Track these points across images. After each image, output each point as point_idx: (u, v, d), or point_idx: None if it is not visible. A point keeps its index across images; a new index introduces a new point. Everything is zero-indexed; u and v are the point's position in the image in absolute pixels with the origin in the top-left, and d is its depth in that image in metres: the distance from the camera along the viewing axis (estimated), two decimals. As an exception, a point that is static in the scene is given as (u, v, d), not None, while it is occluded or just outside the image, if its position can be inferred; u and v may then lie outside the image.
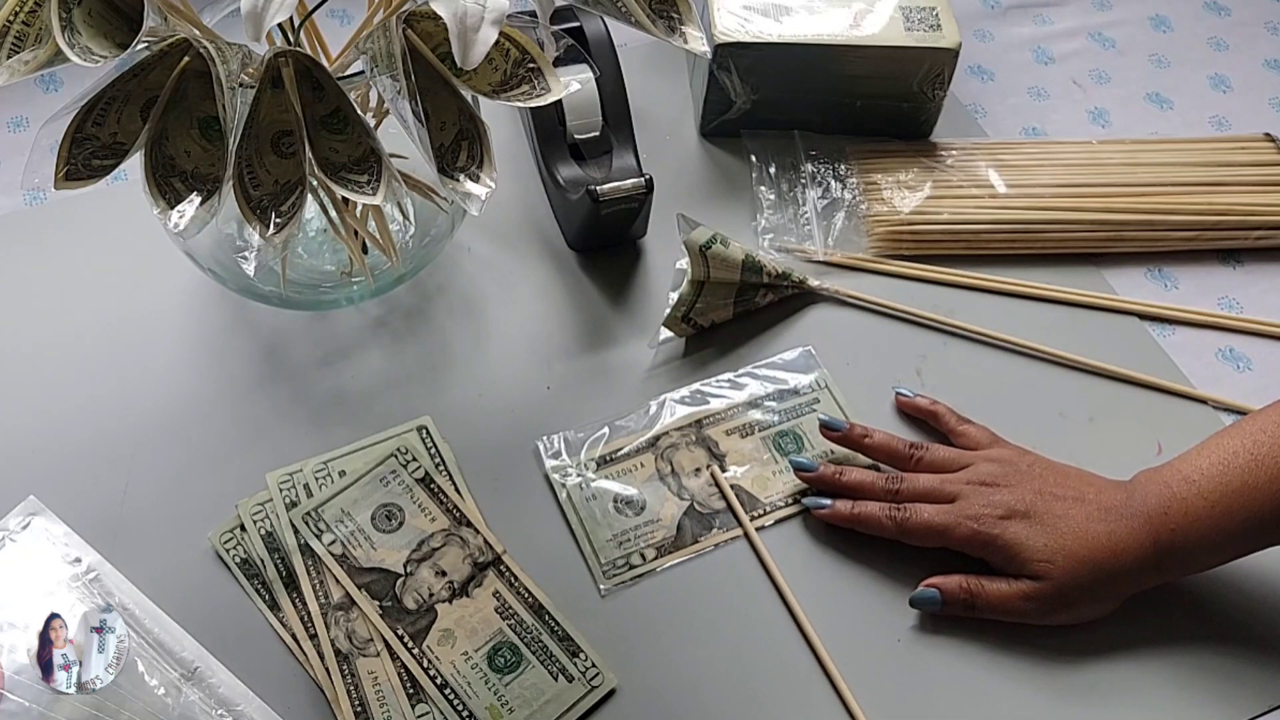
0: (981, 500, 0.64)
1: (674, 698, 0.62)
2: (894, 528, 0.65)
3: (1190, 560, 0.62)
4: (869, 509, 0.66)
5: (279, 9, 0.48)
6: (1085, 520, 0.62)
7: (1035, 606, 0.62)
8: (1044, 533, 0.62)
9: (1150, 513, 0.62)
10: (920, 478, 0.66)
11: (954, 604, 0.64)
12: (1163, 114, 0.93)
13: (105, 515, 0.66)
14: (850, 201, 0.83)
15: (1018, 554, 0.62)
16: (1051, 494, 0.64)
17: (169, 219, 0.52)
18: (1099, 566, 0.62)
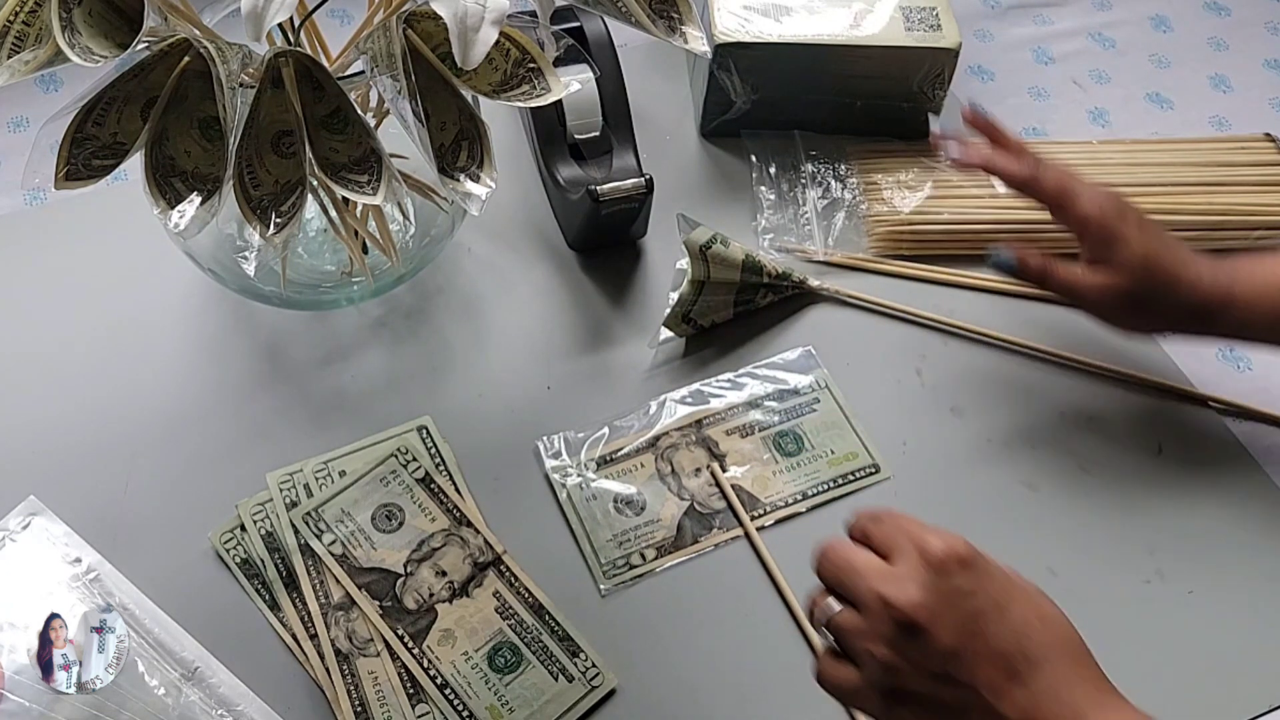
0: None
1: (674, 698, 0.62)
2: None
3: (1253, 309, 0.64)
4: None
5: (279, 9, 0.48)
6: (1175, 241, 0.65)
7: (1106, 299, 0.65)
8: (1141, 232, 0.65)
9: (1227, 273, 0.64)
10: None
11: (1028, 270, 0.67)
12: (1163, 114, 0.93)
13: (105, 515, 0.66)
14: (850, 201, 0.83)
15: (1114, 241, 0.65)
16: None
17: (169, 219, 0.52)
18: (1175, 276, 0.64)
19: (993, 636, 0.46)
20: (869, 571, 0.47)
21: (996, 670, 0.46)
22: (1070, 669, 0.46)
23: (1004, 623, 0.46)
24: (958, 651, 0.46)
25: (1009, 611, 0.46)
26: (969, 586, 0.46)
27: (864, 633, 0.47)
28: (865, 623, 0.47)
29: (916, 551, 0.47)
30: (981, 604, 0.46)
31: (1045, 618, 0.47)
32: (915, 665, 0.46)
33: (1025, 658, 0.46)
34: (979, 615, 0.46)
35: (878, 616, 0.46)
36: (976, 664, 0.46)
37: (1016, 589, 0.48)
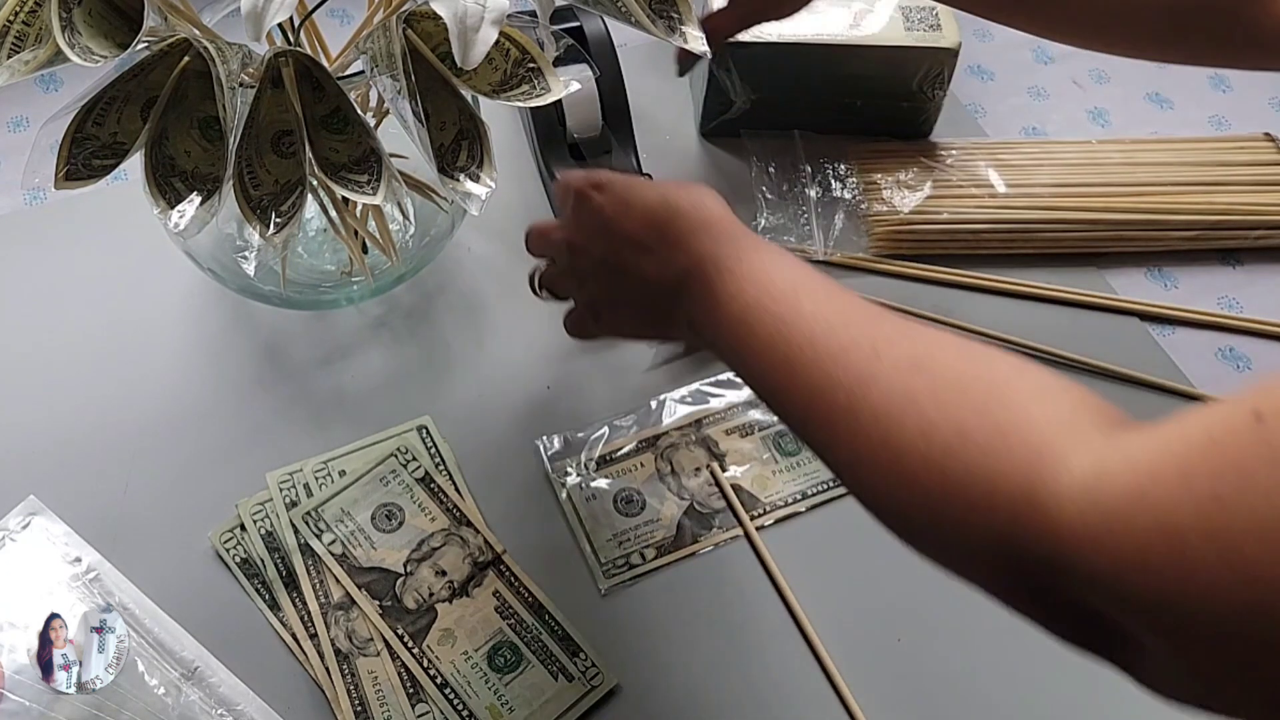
0: None
1: (674, 697, 0.62)
2: None
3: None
4: None
5: (279, 9, 0.48)
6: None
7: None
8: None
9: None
10: None
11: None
12: (1162, 114, 0.93)
13: (105, 515, 0.66)
14: (850, 201, 0.83)
15: None
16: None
17: (169, 219, 0.52)
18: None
19: (624, 224, 0.57)
20: (550, 229, 0.63)
21: (632, 249, 0.56)
22: (703, 229, 0.55)
23: (631, 213, 0.57)
24: (604, 250, 0.58)
25: (636, 202, 0.57)
26: (600, 199, 0.58)
27: (556, 273, 0.64)
28: (555, 264, 0.64)
29: (570, 195, 0.60)
30: (611, 208, 0.57)
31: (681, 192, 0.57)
32: (581, 276, 0.61)
33: (654, 227, 0.56)
34: (613, 216, 0.57)
35: (558, 251, 0.62)
36: (618, 252, 0.57)
37: (642, 184, 0.58)
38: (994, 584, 0.39)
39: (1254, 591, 0.28)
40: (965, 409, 0.39)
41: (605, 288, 0.60)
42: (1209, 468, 0.30)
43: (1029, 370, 0.41)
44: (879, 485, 0.42)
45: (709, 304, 0.52)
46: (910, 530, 0.42)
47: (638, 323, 0.60)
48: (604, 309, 0.61)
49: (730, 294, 0.51)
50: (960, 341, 0.43)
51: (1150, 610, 0.32)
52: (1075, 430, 0.36)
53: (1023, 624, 0.64)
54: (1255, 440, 0.30)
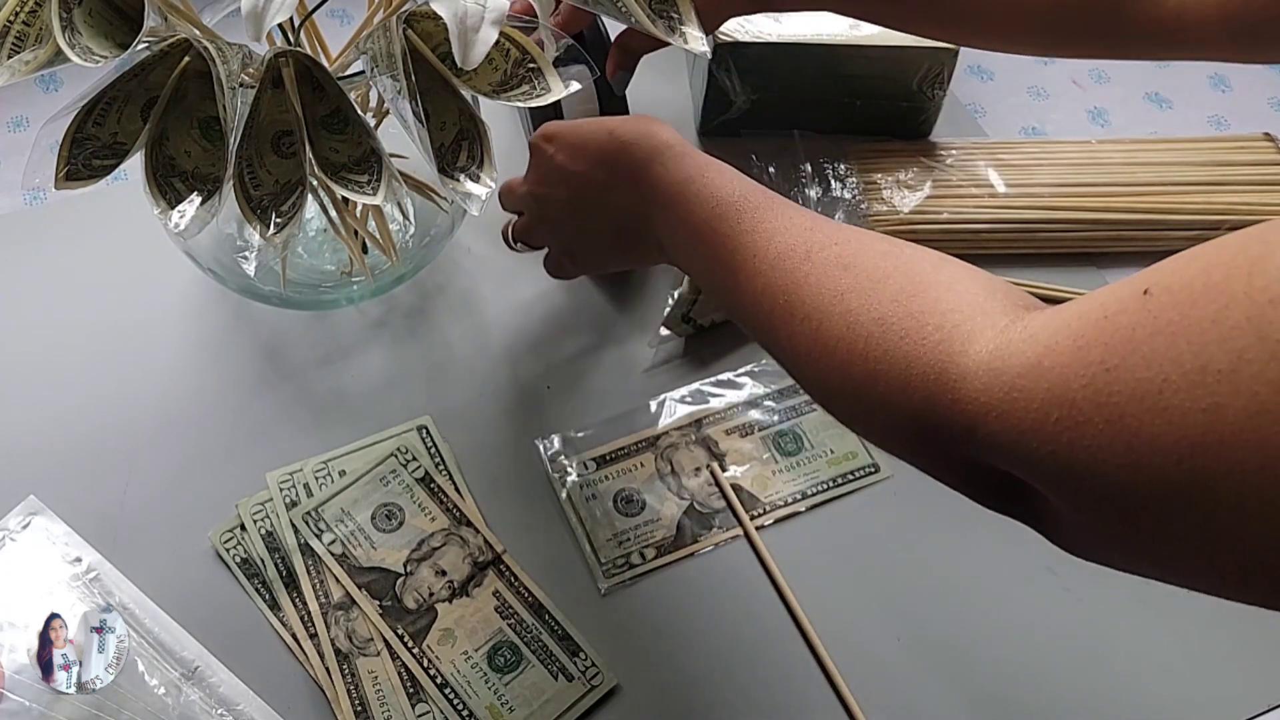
0: None
1: (674, 697, 0.62)
2: None
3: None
4: None
5: (279, 9, 0.48)
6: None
7: None
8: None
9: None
10: None
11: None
12: (1162, 114, 0.93)
13: (105, 515, 0.66)
14: (850, 201, 0.83)
15: None
16: None
17: (169, 219, 0.52)
18: None
19: (578, 170, 0.61)
20: (517, 184, 0.67)
21: (591, 188, 0.61)
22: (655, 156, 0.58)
23: (583, 156, 0.61)
24: (566, 197, 0.62)
25: (584, 146, 0.61)
26: (552, 151, 0.62)
27: (528, 223, 0.68)
28: (525, 217, 0.68)
29: (531, 152, 0.65)
30: (563, 157, 0.62)
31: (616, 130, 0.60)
32: (552, 224, 0.66)
33: (605, 165, 0.60)
34: (565, 164, 0.62)
35: (526, 203, 0.66)
36: (578, 197, 0.62)
37: (589, 125, 0.62)
38: (918, 456, 0.42)
39: (1136, 454, 0.31)
40: (885, 300, 0.43)
41: (576, 227, 0.64)
42: (1100, 340, 0.33)
43: (947, 264, 0.44)
44: (816, 375, 0.46)
45: (670, 225, 0.56)
46: (844, 412, 0.46)
47: (612, 253, 0.64)
48: (577, 247, 0.65)
49: (684, 215, 0.55)
50: (887, 241, 0.47)
51: (1050, 473, 0.34)
52: (984, 313, 0.40)
53: (1023, 626, 0.64)
54: (1142, 311, 0.32)
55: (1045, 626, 0.65)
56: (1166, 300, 0.31)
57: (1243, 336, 0.29)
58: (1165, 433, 0.30)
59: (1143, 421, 0.30)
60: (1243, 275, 0.29)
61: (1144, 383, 0.31)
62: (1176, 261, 0.32)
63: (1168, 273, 0.32)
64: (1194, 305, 0.30)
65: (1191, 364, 0.30)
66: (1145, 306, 0.32)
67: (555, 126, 0.63)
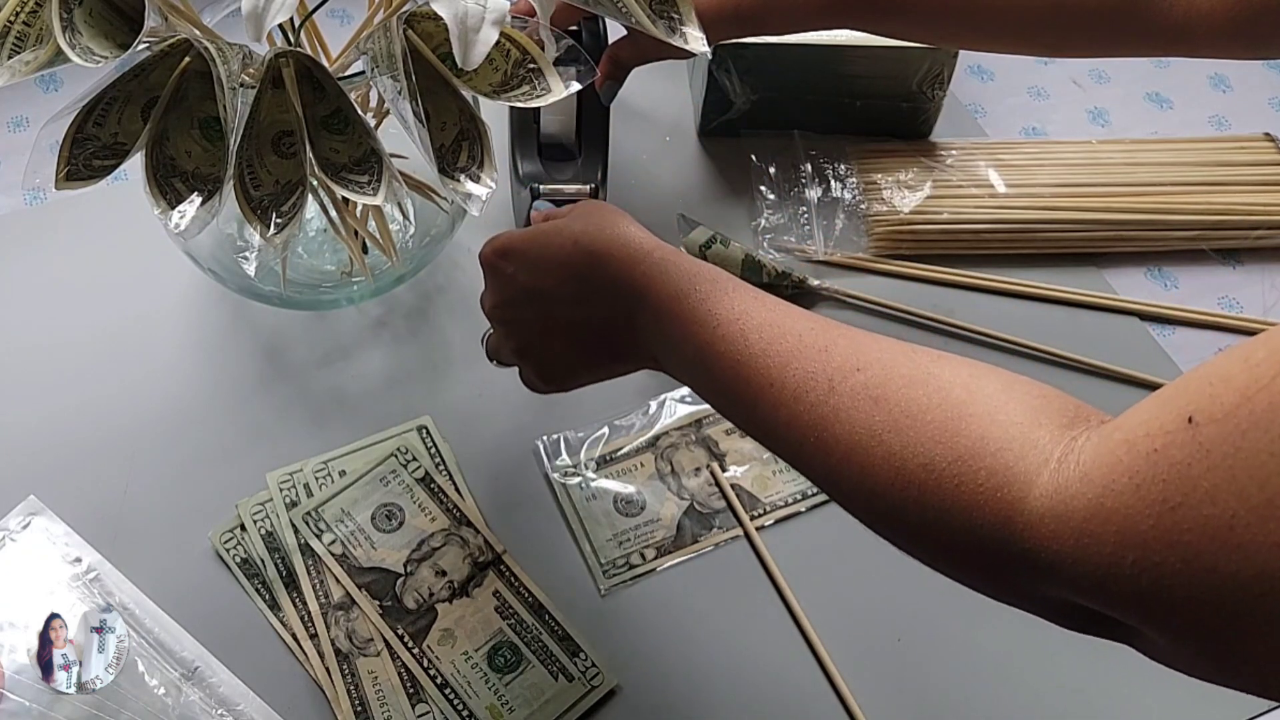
0: None
1: (674, 697, 0.62)
2: None
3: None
4: None
5: (280, 9, 0.48)
6: None
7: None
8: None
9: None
10: None
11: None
12: (1162, 114, 0.93)
13: (105, 515, 0.66)
14: (850, 201, 0.83)
15: None
16: None
17: (170, 219, 0.52)
18: None
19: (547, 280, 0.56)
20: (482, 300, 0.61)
21: (562, 305, 0.56)
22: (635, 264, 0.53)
23: (542, 273, 0.56)
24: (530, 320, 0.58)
25: (543, 263, 0.56)
26: (509, 270, 0.57)
27: (494, 344, 0.63)
28: (493, 337, 0.63)
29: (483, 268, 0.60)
30: (522, 276, 0.57)
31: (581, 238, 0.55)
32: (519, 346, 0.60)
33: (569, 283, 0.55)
34: (525, 286, 0.57)
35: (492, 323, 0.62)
36: (545, 319, 0.57)
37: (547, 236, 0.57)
38: (992, 593, 0.41)
39: (1218, 590, 0.30)
40: (927, 440, 0.40)
41: (546, 349, 0.59)
42: (1156, 475, 0.32)
43: (979, 382, 0.42)
44: (867, 513, 0.43)
45: (667, 343, 0.52)
46: (908, 549, 0.43)
47: (590, 368, 0.59)
48: (553, 370, 0.60)
49: (682, 334, 0.50)
50: (910, 359, 0.44)
51: (1136, 608, 0.34)
52: (1033, 447, 0.38)
53: (1022, 625, 0.64)
54: (1192, 444, 0.31)
55: (1045, 626, 0.64)
56: (1214, 432, 0.31)
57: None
58: (1243, 568, 0.30)
59: (1219, 558, 0.30)
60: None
61: (1212, 519, 0.30)
62: (1209, 381, 0.32)
63: (1206, 397, 0.32)
64: (1244, 437, 0.30)
65: (1258, 498, 0.29)
66: (1195, 439, 0.31)
67: (508, 241, 0.58)
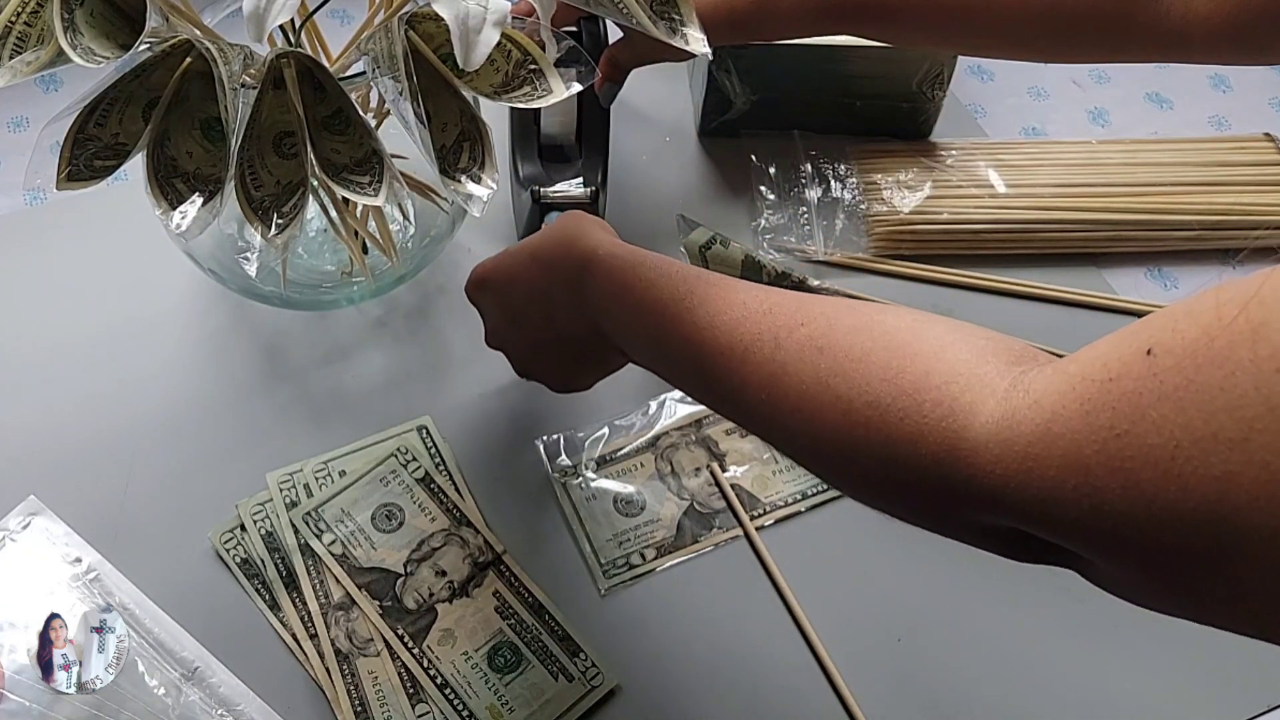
0: None
1: (674, 697, 0.62)
2: None
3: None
4: None
5: (281, 10, 0.48)
6: None
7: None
8: None
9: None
10: None
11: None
12: (1162, 114, 0.93)
13: (105, 515, 0.66)
14: (850, 201, 0.83)
15: None
16: None
17: (171, 220, 0.52)
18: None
19: (518, 302, 0.60)
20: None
21: (541, 320, 0.59)
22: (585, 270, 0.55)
23: (516, 292, 0.60)
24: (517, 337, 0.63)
25: (515, 284, 0.60)
26: (487, 299, 0.63)
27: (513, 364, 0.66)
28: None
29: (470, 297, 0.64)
30: (496, 297, 0.62)
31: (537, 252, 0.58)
32: (522, 358, 0.65)
33: (534, 299, 0.58)
34: (504, 306, 0.61)
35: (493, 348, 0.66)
36: (519, 336, 0.62)
37: (512, 258, 0.60)
38: (937, 526, 0.42)
39: (1156, 518, 0.31)
40: (873, 380, 0.41)
41: (545, 364, 0.63)
42: (1107, 404, 0.32)
43: (925, 325, 0.43)
44: (816, 462, 0.45)
45: (626, 336, 0.54)
46: (853, 491, 0.44)
47: (585, 372, 0.63)
48: (557, 381, 0.64)
49: (634, 330, 0.52)
50: (853, 310, 0.45)
51: (1075, 536, 0.34)
52: (979, 379, 0.39)
53: (1022, 625, 0.64)
54: (1147, 375, 0.31)
55: (1045, 627, 0.65)
56: (1170, 363, 0.31)
57: (1251, 405, 0.29)
58: (1182, 499, 0.30)
59: (1159, 487, 0.30)
60: (1246, 341, 0.29)
61: (1156, 449, 0.30)
62: (1174, 318, 0.32)
63: (1168, 331, 0.32)
64: (1199, 371, 0.30)
65: (1202, 431, 0.29)
66: (1150, 369, 0.31)
67: (481, 271, 0.62)
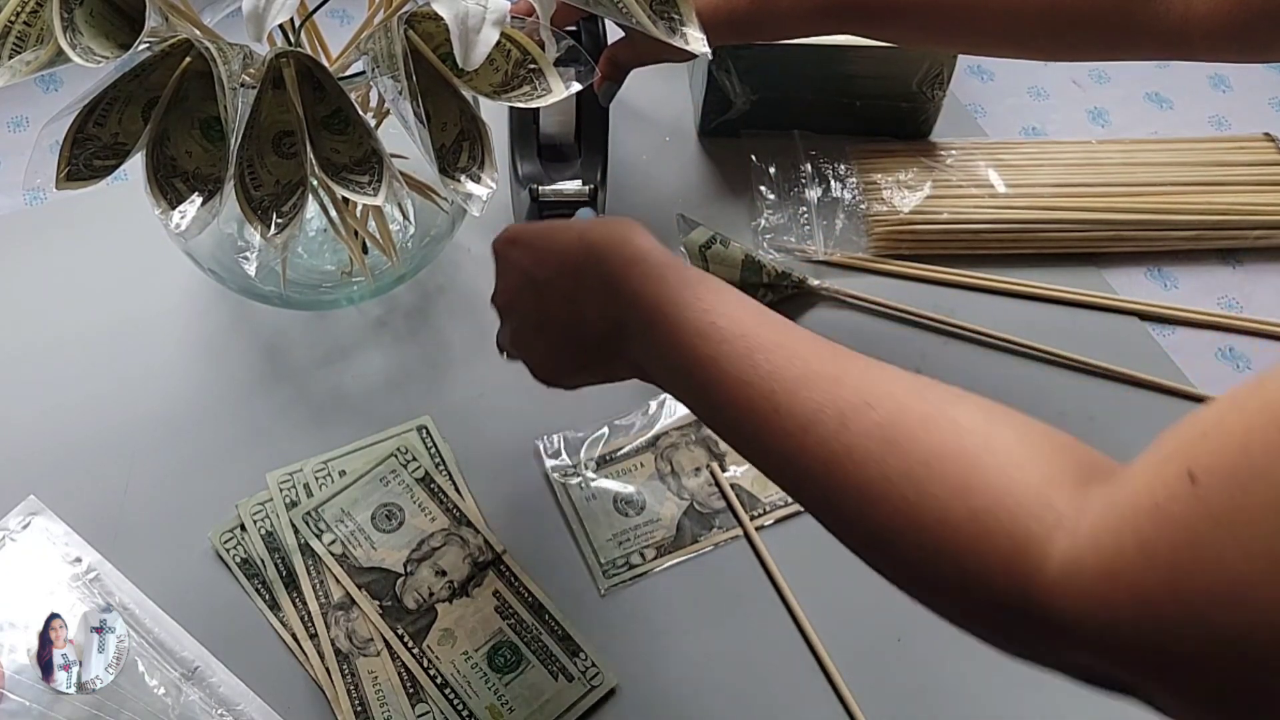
0: None
1: (673, 697, 0.62)
2: None
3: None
4: None
5: (280, 9, 0.48)
6: None
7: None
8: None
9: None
10: None
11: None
12: (1162, 114, 0.93)
13: (105, 515, 0.66)
14: (850, 201, 0.83)
15: None
16: None
17: (170, 219, 0.52)
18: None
19: (544, 270, 0.54)
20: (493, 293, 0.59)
21: (557, 302, 0.54)
22: (631, 267, 0.50)
23: (547, 260, 0.54)
24: (531, 308, 0.56)
25: (549, 251, 0.54)
26: (514, 255, 0.56)
27: (503, 334, 0.60)
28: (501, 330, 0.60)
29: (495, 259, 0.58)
30: (525, 257, 0.56)
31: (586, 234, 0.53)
32: (522, 337, 0.58)
33: (568, 275, 0.53)
34: (528, 268, 0.55)
35: (500, 314, 0.59)
36: (543, 311, 0.55)
37: (557, 228, 0.55)
38: (1012, 652, 0.41)
39: (1230, 651, 0.30)
40: (942, 491, 0.39)
41: (545, 344, 0.57)
42: (1161, 536, 0.32)
43: (996, 429, 0.40)
44: (868, 553, 0.42)
45: (655, 353, 0.49)
46: (916, 597, 0.43)
47: (581, 370, 0.57)
48: (548, 366, 0.58)
49: (676, 345, 0.47)
50: (924, 397, 0.42)
51: (1151, 671, 0.33)
52: (1050, 508, 0.37)
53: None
54: (1193, 500, 0.31)
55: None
56: (1214, 486, 0.30)
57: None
58: (1253, 632, 0.29)
59: (1229, 620, 0.30)
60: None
61: (1219, 582, 0.30)
62: (1203, 428, 0.32)
63: (1205, 452, 0.31)
64: (1246, 493, 0.30)
65: (1263, 557, 0.29)
66: (1195, 495, 0.31)
67: (519, 228, 0.57)
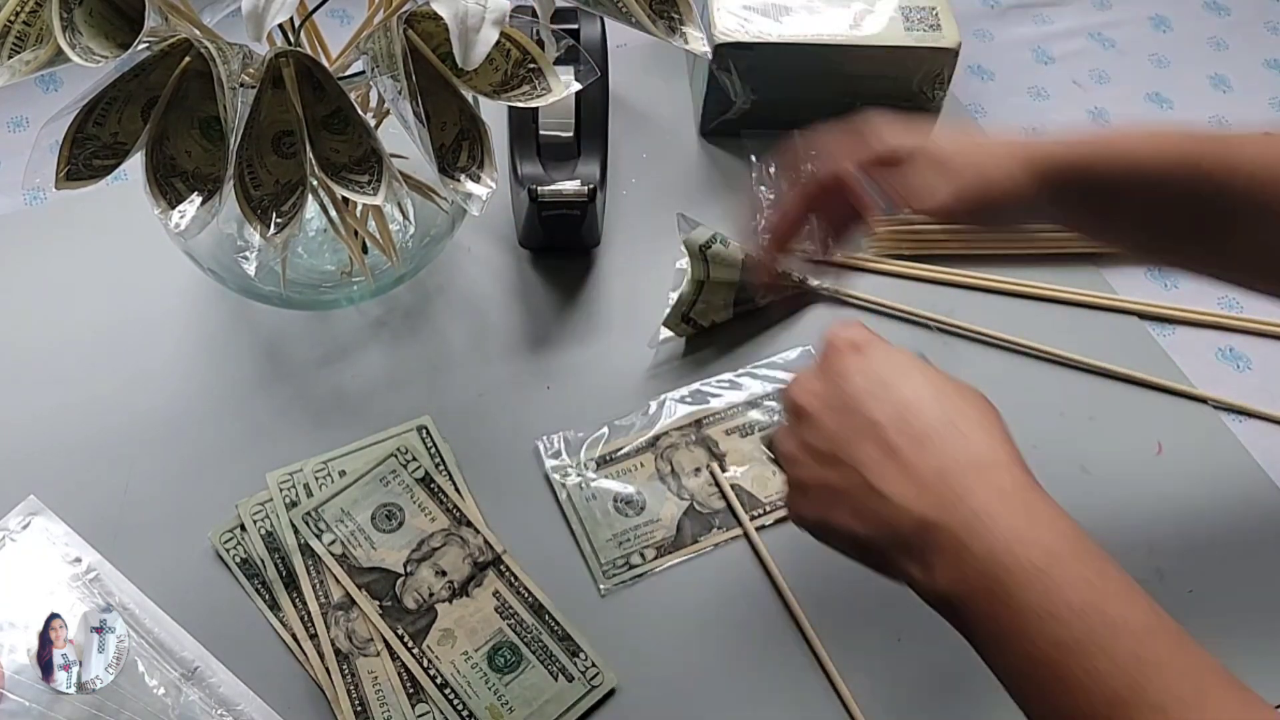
0: None
1: (674, 697, 0.62)
2: None
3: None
4: None
5: (280, 9, 0.48)
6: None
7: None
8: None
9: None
10: None
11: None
12: (1163, 114, 0.93)
13: (105, 515, 0.66)
14: (850, 201, 0.83)
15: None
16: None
17: (170, 219, 0.52)
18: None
19: (872, 410, 0.45)
20: (791, 382, 0.49)
21: (875, 446, 0.44)
22: (971, 452, 0.43)
23: (886, 398, 0.45)
24: (837, 430, 0.45)
25: (895, 388, 0.45)
26: (856, 368, 0.46)
27: (780, 437, 0.49)
28: (783, 428, 0.49)
29: (825, 347, 0.48)
30: (863, 382, 0.45)
31: (947, 399, 0.44)
32: (807, 452, 0.47)
33: (907, 432, 0.44)
34: (861, 393, 0.45)
35: (785, 414, 0.48)
36: (856, 441, 0.45)
37: (911, 366, 0.46)
38: None
39: None
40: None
41: (819, 477, 0.47)
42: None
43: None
44: None
45: (951, 573, 0.44)
46: None
47: (846, 538, 0.47)
48: (815, 500, 0.47)
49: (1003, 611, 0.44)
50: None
51: None
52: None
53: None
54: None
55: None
56: None
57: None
58: None
59: None
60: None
61: None
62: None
63: None
64: None
65: None
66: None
67: (869, 339, 0.47)
